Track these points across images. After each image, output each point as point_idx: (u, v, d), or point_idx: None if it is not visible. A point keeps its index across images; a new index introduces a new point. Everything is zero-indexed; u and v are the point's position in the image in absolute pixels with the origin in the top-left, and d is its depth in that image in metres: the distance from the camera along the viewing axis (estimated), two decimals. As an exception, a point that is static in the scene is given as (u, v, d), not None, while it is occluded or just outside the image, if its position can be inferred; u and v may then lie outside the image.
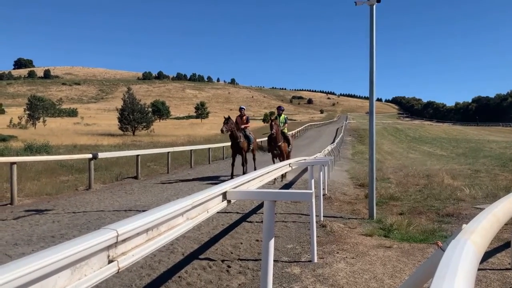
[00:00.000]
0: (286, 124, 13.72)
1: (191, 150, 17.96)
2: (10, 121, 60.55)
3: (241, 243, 5.63)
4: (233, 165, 13.12)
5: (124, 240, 1.51)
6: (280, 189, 10.69)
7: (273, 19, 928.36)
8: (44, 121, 64.27)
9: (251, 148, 13.87)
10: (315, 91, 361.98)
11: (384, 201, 9.48)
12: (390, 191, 10.54)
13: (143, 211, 6.90)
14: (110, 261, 1.44)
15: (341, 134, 44.55)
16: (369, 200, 7.90)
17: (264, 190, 2.96)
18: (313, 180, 5.48)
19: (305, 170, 12.19)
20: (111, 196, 9.78)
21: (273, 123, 12.61)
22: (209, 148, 20.39)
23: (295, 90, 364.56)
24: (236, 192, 2.77)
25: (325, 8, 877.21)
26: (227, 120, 12.73)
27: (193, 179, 12.95)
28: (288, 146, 13.51)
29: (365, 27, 8.15)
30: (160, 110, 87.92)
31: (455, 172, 16.14)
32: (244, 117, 13.85)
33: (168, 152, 15.79)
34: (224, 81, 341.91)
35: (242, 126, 13.39)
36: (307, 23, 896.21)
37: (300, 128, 55.00)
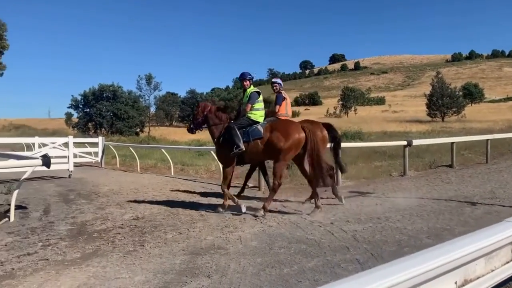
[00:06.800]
0: (250, 105, 6.99)
1: (514, 137, 15.54)
2: (327, 111, 69.72)
3: None
4: (246, 179, 8.60)
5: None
6: None
7: None
8: (355, 110, 70.50)
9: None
10: None
11: None
12: None
13: (466, 202, 6.42)
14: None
15: None
16: None
17: None
18: None
19: None
20: (427, 183, 9.64)
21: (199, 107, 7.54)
22: (538, 135, 17.11)
23: None
24: None
25: None
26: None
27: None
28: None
29: None
30: (472, 93, 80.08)
31: None
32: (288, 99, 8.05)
33: (488, 140, 14.17)
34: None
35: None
36: None
37: None
